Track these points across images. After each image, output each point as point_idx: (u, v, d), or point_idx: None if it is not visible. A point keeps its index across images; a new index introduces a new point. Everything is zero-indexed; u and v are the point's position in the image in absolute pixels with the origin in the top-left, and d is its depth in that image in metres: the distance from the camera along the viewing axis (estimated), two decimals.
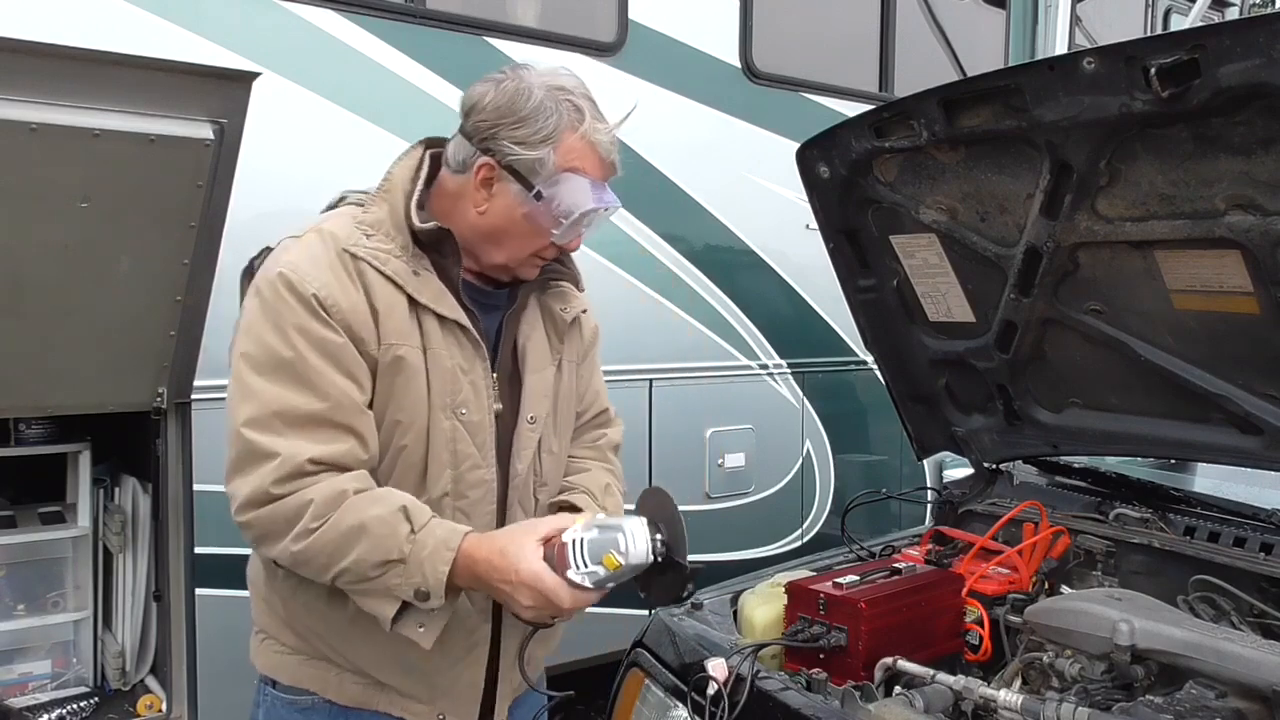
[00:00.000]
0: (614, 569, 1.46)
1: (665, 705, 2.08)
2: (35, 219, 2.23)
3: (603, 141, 1.61)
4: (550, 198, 1.59)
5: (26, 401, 2.58)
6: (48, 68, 2.10)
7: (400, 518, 1.50)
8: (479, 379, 1.64)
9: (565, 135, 1.58)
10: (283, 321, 1.52)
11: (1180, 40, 1.65)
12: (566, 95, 1.60)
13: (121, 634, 2.95)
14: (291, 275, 1.53)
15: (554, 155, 1.58)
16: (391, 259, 1.58)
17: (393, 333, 1.57)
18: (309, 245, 1.58)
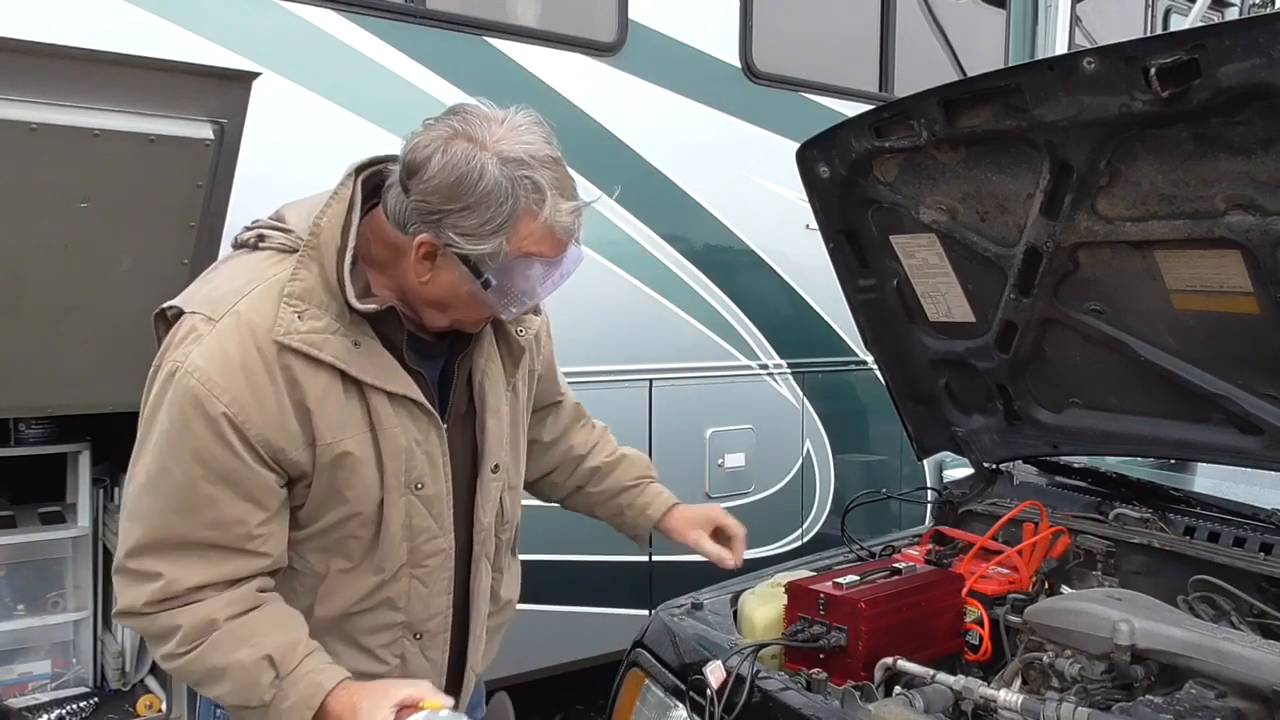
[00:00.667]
0: None
1: (665, 705, 2.08)
2: (35, 219, 2.23)
3: (565, 224, 1.43)
4: (500, 286, 1.43)
5: (26, 401, 2.58)
6: (48, 68, 2.10)
7: (264, 666, 1.41)
8: (434, 447, 1.54)
9: (521, 221, 1.40)
10: (183, 444, 1.39)
11: (1180, 40, 1.65)
12: (525, 172, 1.39)
13: (121, 634, 2.95)
14: (200, 390, 1.38)
15: (506, 245, 1.40)
16: (329, 339, 1.42)
17: (329, 428, 1.44)
18: (225, 341, 1.40)
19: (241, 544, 1.44)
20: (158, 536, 1.42)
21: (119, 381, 2.59)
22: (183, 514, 1.41)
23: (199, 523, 1.41)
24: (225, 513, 1.42)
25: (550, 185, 1.41)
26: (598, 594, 3.70)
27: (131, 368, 2.58)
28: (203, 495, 1.40)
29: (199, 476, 1.40)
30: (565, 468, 2.02)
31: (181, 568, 1.42)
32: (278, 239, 1.50)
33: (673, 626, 2.18)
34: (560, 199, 1.42)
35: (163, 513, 1.41)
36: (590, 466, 2.02)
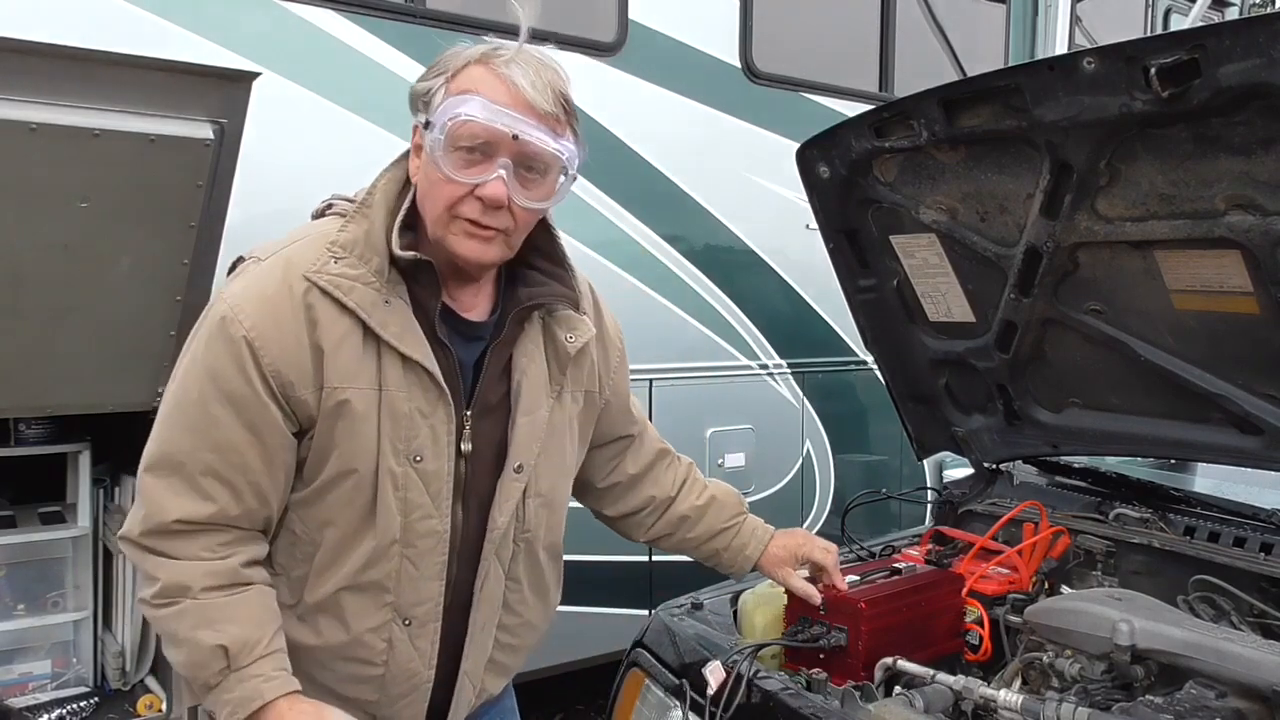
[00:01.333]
0: None
1: (665, 705, 2.08)
2: (35, 219, 2.23)
3: (504, 66, 1.44)
4: (434, 125, 1.43)
5: (26, 401, 2.58)
6: (48, 68, 2.10)
7: (217, 655, 1.43)
8: (440, 424, 1.52)
9: (464, 66, 1.46)
10: (203, 363, 1.45)
11: (1180, 40, 1.65)
12: (490, 44, 1.47)
13: (121, 634, 2.94)
14: (229, 313, 1.44)
15: (447, 84, 1.45)
16: (358, 287, 1.45)
17: (339, 374, 1.46)
18: (263, 277, 1.46)
19: (235, 476, 1.46)
20: (165, 451, 1.46)
21: (119, 381, 2.60)
22: (189, 432, 1.45)
23: (202, 443, 1.45)
24: (227, 437, 1.44)
25: (506, 46, 1.47)
26: (598, 594, 3.71)
27: (131, 368, 2.61)
28: (210, 415, 1.44)
29: (210, 396, 1.44)
30: (653, 510, 1.98)
31: (171, 496, 1.45)
32: (342, 205, 1.56)
33: (673, 626, 2.18)
34: (508, 53, 1.46)
35: (173, 429, 1.47)
36: (679, 515, 1.99)
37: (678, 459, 2.04)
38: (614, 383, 1.82)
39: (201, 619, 1.45)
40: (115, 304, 2.43)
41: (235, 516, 1.48)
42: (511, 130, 1.42)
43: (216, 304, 1.48)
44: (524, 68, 1.45)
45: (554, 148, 1.46)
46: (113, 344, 2.51)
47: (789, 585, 1.99)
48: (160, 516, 1.45)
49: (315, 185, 3.28)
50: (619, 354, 1.83)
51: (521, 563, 1.68)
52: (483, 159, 1.44)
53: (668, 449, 2.02)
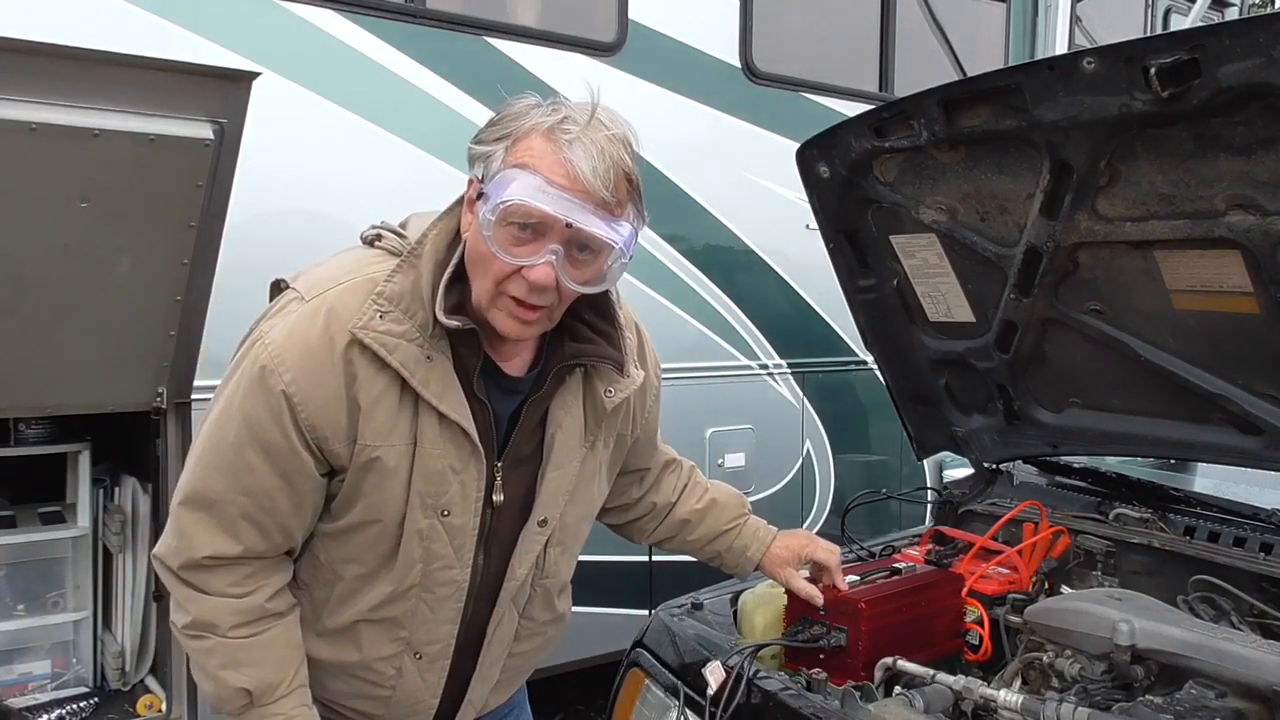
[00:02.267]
0: None
1: (665, 705, 2.08)
2: (35, 219, 2.23)
3: (566, 142, 1.37)
4: (488, 196, 1.38)
5: (26, 401, 2.58)
6: (48, 68, 2.10)
7: (241, 695, 1.49)
8: (470, 480, 1.51)
9: (528, 134, 1.39)
10: (241, 408, 1.44)
11: (1180, 40, 1.65)
12: (555, 104, 1.41)
13: (121, 634, 2.94)
14: (268, 363, 1.41)
15: (506, 152, 1.39)
16: (402, 344, 1.42)
17: (373, 432, 1.44)
18: (306, 324, 1.43)
19: (264, 519, 1.48)
20: (199, 489, 1.47)
21: (119, 381, 2.60)
22: (223, 474, 1.46)
23: (235, 486, 1.45)
24: (260, 483, 1.45)
25: (571, 116, 1.40)
26: (598, 594, 3.70)
27: (131, 368, 2.61)
28: (244, 461, 1.44)
29: (245, 443, 1.44)
30: (653, 516, 1.99)
31: (202, 532, 1.47)
32: (391, 241, 1.51)
33: (673, 626, 2.18)
34: (574, 125, 1.39)
35: (207, 467, 1.47)
36: (679, 519, 1.99)
37: (680, 463, 2.04)
38: (646, 421, 1.81)
39: (228, 659, 1.49)
40: (115, 304, 2.43)
41: (262, 551, 1.51)
42: (565, 218, 1.37)
43: (257, 346, 1.44)
44: (588, 147, 1.39)
45: (607, 235, 1.41)
46: (113, 344, 2.51)
47: (791, 586, 1.99)
48: (191, 552, 1.48)
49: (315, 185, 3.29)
50: (655, 394, 1.80)
51: (537, 603, 1.72)
52: (533, 239, 1.39)
53: (672, 457, 2.02)
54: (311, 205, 3.11)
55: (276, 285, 1.57)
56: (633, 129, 1.48)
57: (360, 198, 3.09)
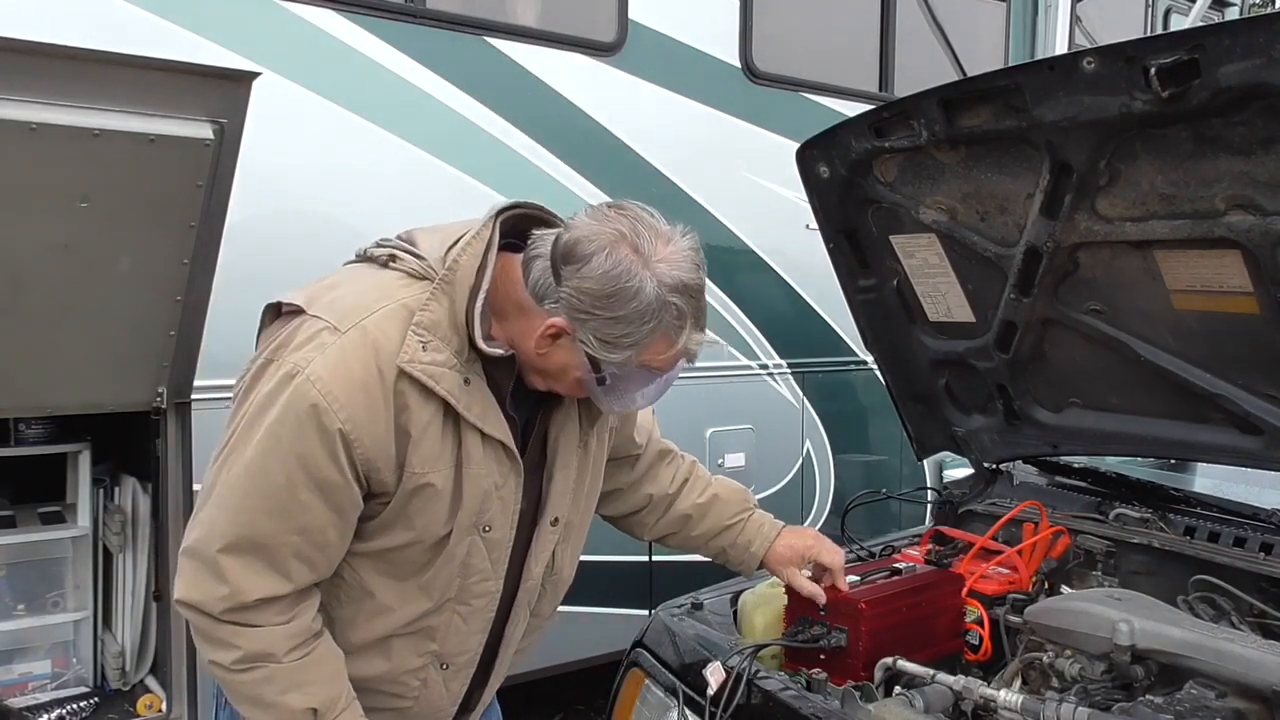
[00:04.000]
0: None
1: (665, 705, 2.08)
2: (35, 219, 2.22)
3: (692, 351, 1.50)
4: (612, 387, 1.49)
5: (26, 401, 2.58)
6: (48, 68, 2.10)
7: (307, 716, 1.48)
8: (509, 494, 1.56)
9: (656, 342, 1.44)
10: (292, 449, 1.41)
11: (1180, 40, 1.65)
12: (675, 299, 1.42)
13: (121, 634, 2.94)
14: (320, 403, 1.39)
15: (635, 357, 1.45)
16: (446, 373, 1.45)
17: (421, 460, 1.47)
18: (350, 357, 1.41)
19: (315, 554, 1.47)
20: (245, 534, 1.43)
21: (119, 381, 2.59)
22: (273, 517, 1.43)
23: (288, 527, 1.43)
24: (314, 521, 1.44)
25: (692, 316, 1.46)
26: (598, 594, 3.70)
27: (131, 368, 2.61)
28: (299, 501, 1.42)
29: (300, 483, 1.41)
30: (654, 509, 1.99)
31: (253, 576, 1.43)
32: (410, 263, 1.51)
33: (673, 626, 2.18)
34: (696, 331, 1.47)
35: (254, 511, 1.43)
36: (681, 513, 1.99)
37: (680, 457, 2.04)
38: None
39: (289, 683, 1.48)
40: (115, 304, 2.43)
41: (311, 582, 1.50)
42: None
43: (300, 382, 1.40)
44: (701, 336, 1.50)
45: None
46: (113, 344, 2.51)
47: (793, 584, 1.98)
48: (243, 597, 1.44)
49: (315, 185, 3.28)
50: None
51: (546, 600, 1.75)
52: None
53: (669, 449, 2.02)
54: (311, 205, 3.11)
55: (277, 308, 1.54)
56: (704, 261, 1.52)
57: (360, 198, 3.09)
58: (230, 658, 1.46)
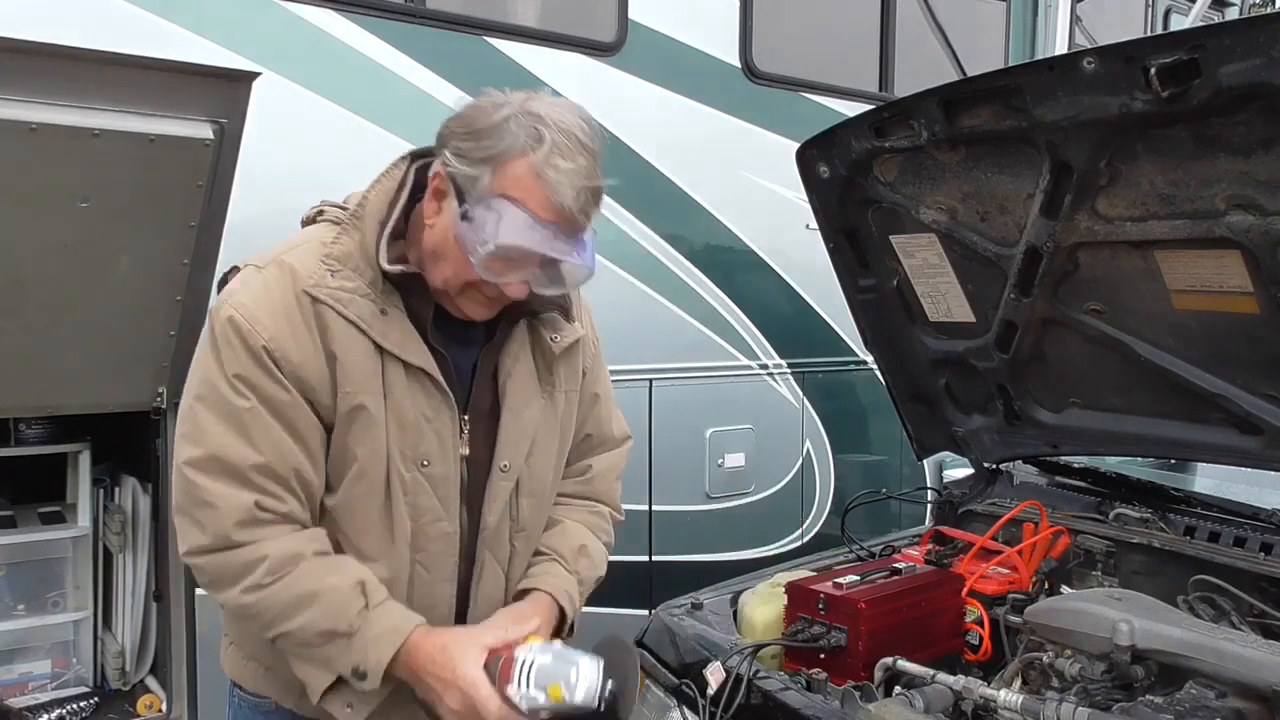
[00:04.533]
0: (557, 700, 1.38)
1: (665, 705, 2.08)
2: (35, 219, 2.23)
3: (554, 179, 1.40)
4: (475, 221, 1.42)
5: (26, 401, 2.58)
6: (48, 68, 2.10)
7: (356, 592, 1.47)
8: (444, 427, 1.54)
9: (512, 160, 1.41)
10: (231, 369, 1.46)
11: (1180, 40, 1.65)
12: (535, 123, 1.41)
13: (121, 634, 2.94)
14: (242, 322, 1.45)
15: (491, 177, 1.42)
16: (356, 299, 1.48)
17: (351, 380, 1.48)
18: (267, 284, 1.49)
19: (289, 477, 1.48)
20: (220, 455, 1.45)
21: (119, 381, 2.59)
22: (239, 435, 1.45)
23: (255, 446, 1.45)
24: (276, 438, 1.46)
25: (555, 143, 1.41)
26: (598, 594, 3.70)
27: (131, 368, 2.61)
28: (258, 421, 1.45)
29: (254, 402, 1.45)
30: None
31: (242, 493, 1.45)
32: (333, 213, 1.58)
33: (673, 626, 2.18)
34: (559, 157, 1.41)
35: (220, 435, 1.46)
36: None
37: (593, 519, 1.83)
38: (586, 380, 1.79)
39: (326, 569, 1.48)
40: (115, 304, 2.43)
41: (301, 519, 1.51)
42: (548, 255, 1.45)
43: (224, 308, 1.47)
44: (574, 178, 1.42)
45: (583, 264, 1.49)
46: (113, 344, 2.51)
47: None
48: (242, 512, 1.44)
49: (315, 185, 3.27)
50: (592, 354, 1.81)
51: (519, 561, 1.70)
52: (513, 267, 1.46)
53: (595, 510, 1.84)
54: (310, 206, 3.11)
55: (223, 282, 1.59)
56: (604, 136, 1.50)
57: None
58: (260, 572, 1.45)
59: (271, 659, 1.62)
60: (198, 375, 1.50)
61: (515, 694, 1.38)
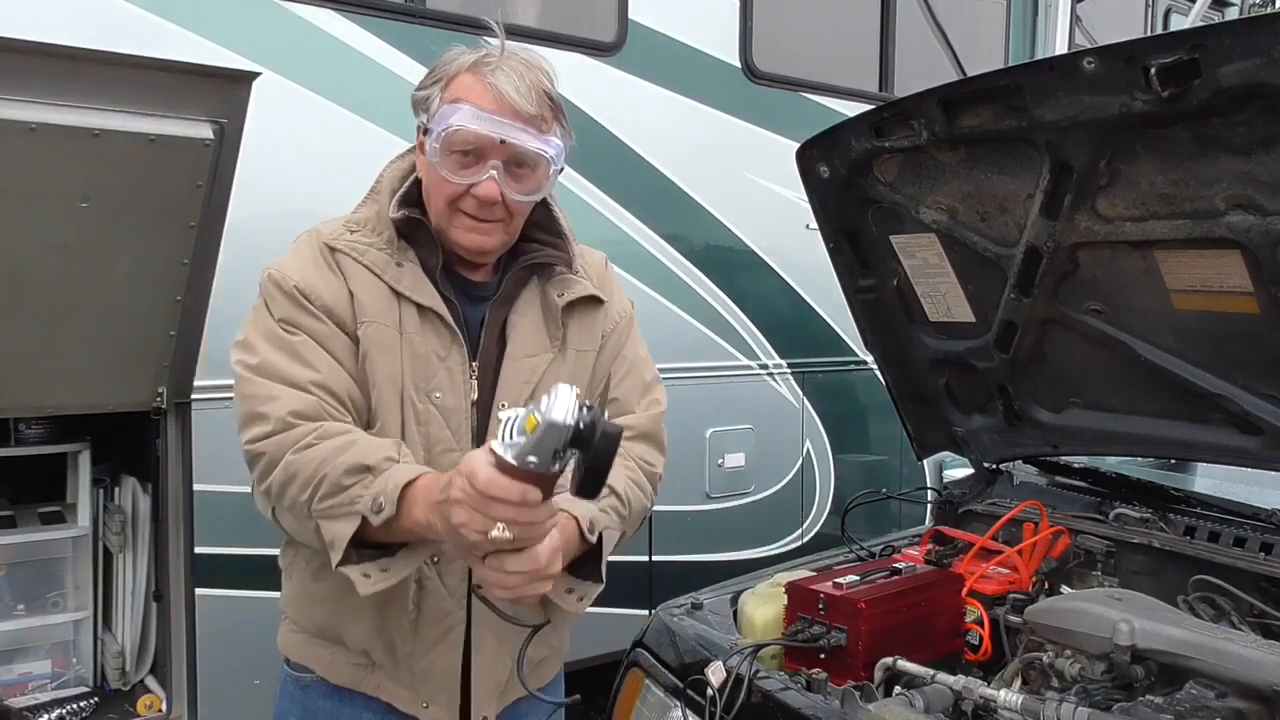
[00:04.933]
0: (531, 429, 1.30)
1: (665, 705, 2.08)
2: (35, 219, 2.23)
3: (492, 78, 1.58)
4: (433, 132, 1.59)
5: (26, 401, 2.58)
6: (48, 68, 2.10)
7: (393, 447, 1.54)
8: (455, 366, 1.66)
9: (458, 75, 1.61)
10: (275, 314, 1.61)
11: (1180, 40, 1.65)
12: (482, 50, 1.63)
13: (121, 634, 2.94)
14: (276, 273, 1.63)
15: (442, 91, 1.61)
16: (371, 250, 1.65)
17: (368, 311, 1.63)
18: (298, 246, 1.69)
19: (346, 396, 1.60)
20: (283, 373, 1.57)
21: (119, 381, 2.59)
22: (295, 360, 1.58)
23: (311, 366, 1.58)
24: (328, 362, 1.60)
25: (494, 55, 1.60)
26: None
27: (131, 368, 2.60)
28: (307, 347, 1.59)
29: (300, 336, 1.60)
30: None
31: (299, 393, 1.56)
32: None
33: (673, 626, 2.18)
34: (499, 64, 1.59)
35: (280, 360, 1.58)
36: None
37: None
38: (609, 348, 1.84)
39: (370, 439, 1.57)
40: (115, 304, 2.43)
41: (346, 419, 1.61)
42: (499, 136, 1.58)
43: (263, 275, 1.66)
44: (509, 73, 1.59)
45: (538, 147, 1.61)
46: (113, 344, 2.51)
47: None
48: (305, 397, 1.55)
49: (315, 185, 3.28)
50: (619, 322, 1.88)
51: None
52: (476, 161, 1.60)
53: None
54: (311, 205, 3.10)
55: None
56: (547, 60, 1.68)
57: (360, 198, 3.09)
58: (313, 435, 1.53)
59: (316, 626, 1.73)
60: (251, 325, 1.65)
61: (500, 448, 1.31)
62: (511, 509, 1.28)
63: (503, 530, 1.31)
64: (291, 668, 1.80)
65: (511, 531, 1.31)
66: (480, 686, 1.74)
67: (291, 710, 1.79)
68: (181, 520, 2.83)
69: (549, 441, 1.28)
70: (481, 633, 1.72)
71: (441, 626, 1.69)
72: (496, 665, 1.74)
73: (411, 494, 1.43)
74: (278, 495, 1.56)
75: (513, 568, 1.35)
